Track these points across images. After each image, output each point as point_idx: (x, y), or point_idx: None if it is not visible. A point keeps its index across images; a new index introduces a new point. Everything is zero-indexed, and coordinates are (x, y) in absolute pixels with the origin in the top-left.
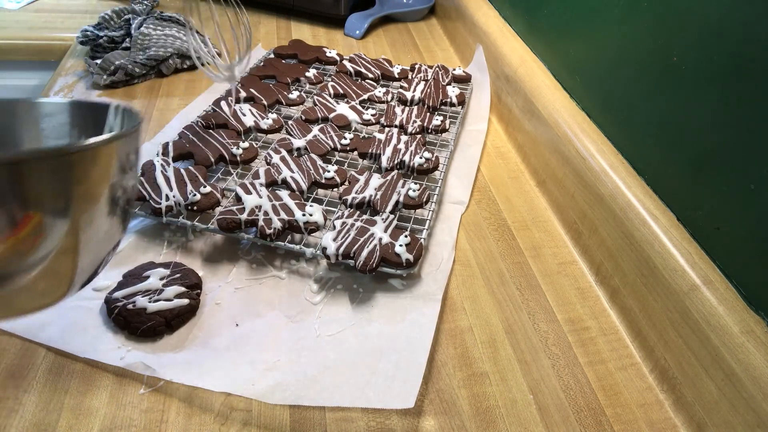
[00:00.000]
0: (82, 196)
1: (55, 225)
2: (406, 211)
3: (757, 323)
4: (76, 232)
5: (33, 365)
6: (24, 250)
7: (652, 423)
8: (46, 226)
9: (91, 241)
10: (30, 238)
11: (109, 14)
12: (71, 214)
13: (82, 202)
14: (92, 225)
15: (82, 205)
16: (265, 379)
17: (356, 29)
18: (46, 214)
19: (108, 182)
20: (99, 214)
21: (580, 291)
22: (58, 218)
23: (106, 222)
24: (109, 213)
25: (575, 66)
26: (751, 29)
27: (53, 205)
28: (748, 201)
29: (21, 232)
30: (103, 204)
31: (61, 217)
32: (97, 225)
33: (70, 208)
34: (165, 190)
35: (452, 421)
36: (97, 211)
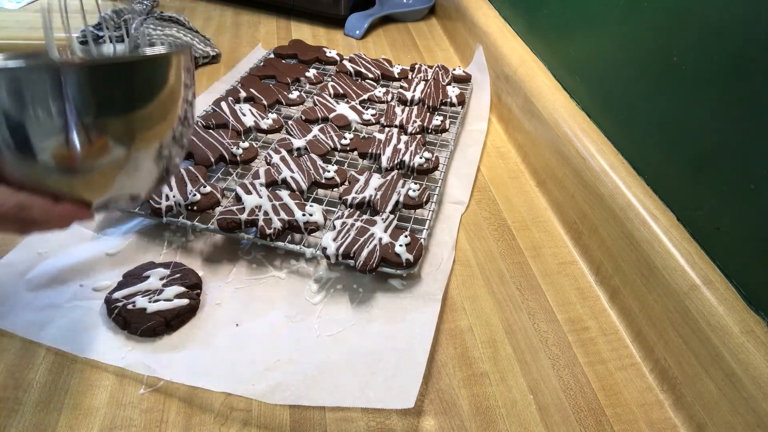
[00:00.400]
0: (145, 129)
1: (117, 148)
2: (406, 211)
3: (757, 323)
4: (128, 158)
5: (33, 365)
6: (93, 156)
7: (652, 423)
8: (111, 147)
9: (131, 172)
10: (95, 154)
11: (109, 14)
12: (132, 145)
13: (142, 137)
14: (138, 161)
15: (142, 140)
16: (265, 379)
17: (356, 29)
18: (112, 139)
19: (169, 120)
20: (149, 155)
21: (580, 291)
22: (121, 145)
23: (148, 166)
24: (155, 159)
25: (575, 66)
26: (751, 29)
27: (120, 134)
28: (748, 201)
29: (94, 147)
30: (155, 148)
31: (123, 144)
32: (142, 162)
33: (133, 141)
34: (165, 190)
35: (452, 421)
36: (149, 152)
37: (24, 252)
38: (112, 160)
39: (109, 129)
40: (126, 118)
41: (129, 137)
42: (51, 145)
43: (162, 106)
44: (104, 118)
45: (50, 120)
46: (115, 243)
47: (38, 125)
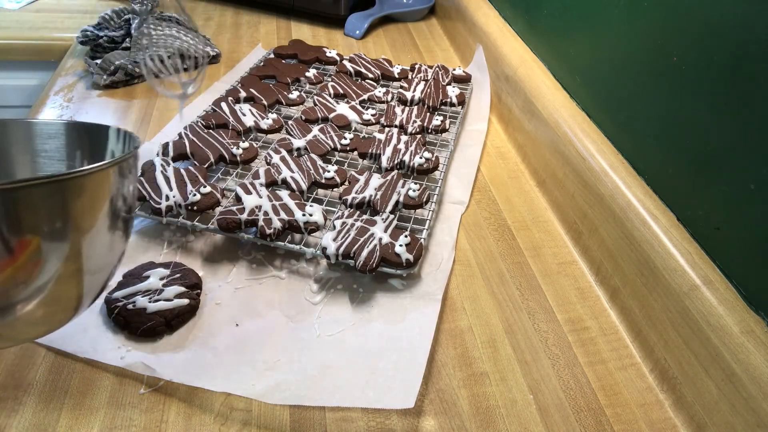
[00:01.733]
0: (81, 217)
1: (54, 249)
2: (406, 211)
3: (757, 323)
4: (78, 254)
5: (33, 365)
6: (23, 278)
7: (652, 423)
8: (45, 252)
9: (95, 259)
10: (29, 266)
11: (109, 14)
12: (70, 237)
13: (81, 223)
14: (94, 244)
15: (81, 226)
16: (265, 379)
17: (356, 29)
18: (44, 240)
19: (107, 201)
20: (100, 232)
21: (580, 291)
22: (57, 242)
23: (108, 237)
24: (110, 227)
25: (575, 66)
26: (751, 29)
27: (50, 230)
28: (748, 201)
29: (18, 260)
30: (103, 221)
31: (59, 240)
32: (100, 242)
33: (69, 231)
34: (165, 190)
35: (452, 421)
36: (98, 229)
37: None
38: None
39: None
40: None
41: (64, 239)
42: None
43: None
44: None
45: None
46: None
47: None
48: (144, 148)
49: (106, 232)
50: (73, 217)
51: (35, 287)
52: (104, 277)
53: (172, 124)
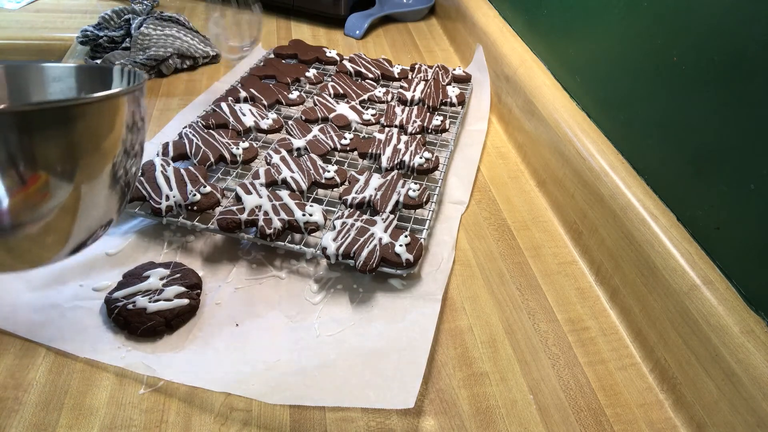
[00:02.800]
0: (88, 157)
1: (60, 186)
2: (406, 211)
3: (757, 323)
4: (78, 195)
5: (33, 365)
6: (32, 203)
7: (652, 423)
8: (52, 186)
9: (89, 208)
10: (38, 194)
11: (109, 14)
12: (75, 178)
13: (86, 165)
14: (92, 191)
15: (86, 169)
16: (265, 379)
17: (356, 29)
18: (53, 175)
19: (113, 144)
20: (100, 183)
21: (580, 291)
22: (64, 180)
23: (105, 193)
24: (109, 185)
25: (575, 66)
26: (751, 29)
27: (60, 167)
28: (748, 201)
29: (30, 188)
30: (105, 173)
31: (66, 179)
32: (97, 192)
33: (75, 172)
34: (165, 190)
35: (452, 421)
36: (99, 179)
37: None
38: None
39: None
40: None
41: (71, 174)
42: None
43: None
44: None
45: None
46: (115, 243)
47: None
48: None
49: (107, 183)
50: (83, 145)
51: (34, 215)
52: (96, 223)
53: (172, 124)
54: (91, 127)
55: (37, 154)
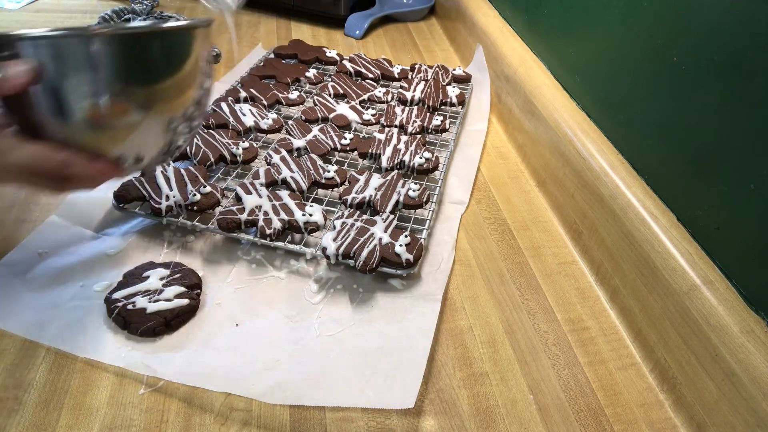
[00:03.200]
0: (164, 94)
1: (136, 112)
2: (406, 211)
3: (757, 323)
4: (140, 123)
5: (33, 365)
6: (114, 118)
7: (652, 423)
8: (131, 110)
9: (140, 136)
10: (118, 114)
11: (109, 14)
12: (150, 111)
13: (161, 102)
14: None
15: (159, 107)
16: (265, 379)
17: (356, 29)
18: (132, 105)
19: (198, 57)
20: (157, 124)
21: (580, 291)
22: (140, 111)
23: (154, 134)
24: (163, 130)
25: (575, 66)
26: (751, 29)
27: (139, 99)
28: (748, 201)
29: (114, 110)
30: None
31: (142, 110)
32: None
33: (152, 106)
34: (165, 190)
35: (452, 421)
36: (159, 121)
37: (24, 252)
38: (129, 123)
39: (131, 96)
40: (148, 86)
41: (148, 104)
42: (83, 108)
43: (181, 79)
44: (128, 86)
45: (83, 85)
46: (115, 243)
47: (73, 90)
48: None
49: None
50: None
51: (115, 124)
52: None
53: None
54: (179, 47)
55: (130, 83)
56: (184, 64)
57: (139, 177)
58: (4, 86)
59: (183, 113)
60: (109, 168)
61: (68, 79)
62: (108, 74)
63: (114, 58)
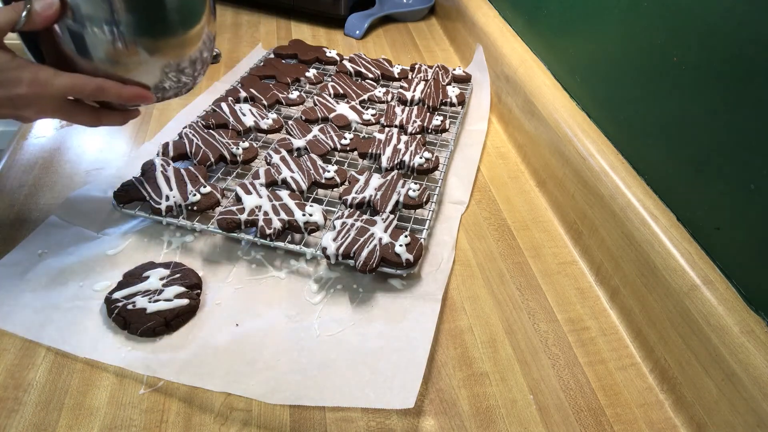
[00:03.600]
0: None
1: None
2: (406, 211)
3: (757, 323)
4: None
5: (33, 365)
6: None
7: (652, 423)
8: (142, 52)
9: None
10: (131, 54)
11: None
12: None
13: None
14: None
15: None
16: (265, 379)
17: (356, 29)
18: (143, 50)
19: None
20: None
21: (580, 291)
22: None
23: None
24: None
25: (575, 66)
26: (751, 29)
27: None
28: (748, 201)
29: (127, 50)
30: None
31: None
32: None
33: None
34: (165, 190)
35: (452, 421)
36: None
37: (24, 252)
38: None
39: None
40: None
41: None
42: (109, 48)
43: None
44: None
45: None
46: (115, 243)
47: (98, 23)
48: (144, 148)
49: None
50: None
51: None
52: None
53: (172, 124)
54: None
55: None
56: (196, 18)
57: (138, 177)
58: (36, 19)
59: (202, 43)
60: (140, 92)
61: (93, 12)
62: (124, 20)
63: (131, 7)
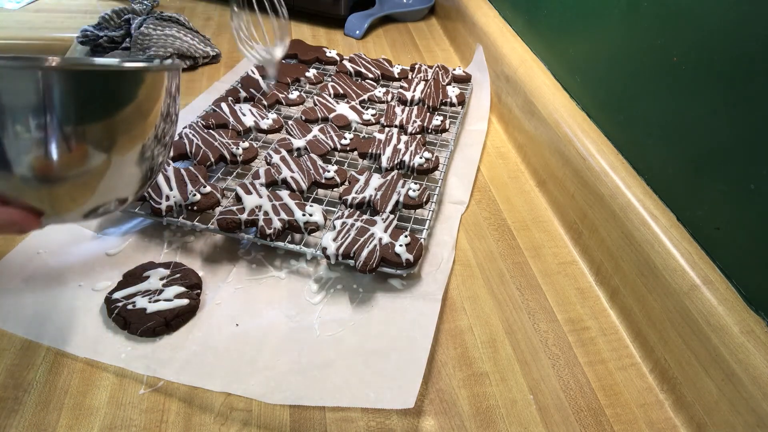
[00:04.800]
0: (125, 133)
1: (97, 155)
2: (406, 211)
3: (757, 323)
4: (109, 165)
5: (33, 365)
6: (72, 164)
7: (652, 423)
8: (90, 154)
9: (114, 178)
10: (78, 159)
11: (109, 14)
12: (111, 150)
13: (122, 141)
14: (120, 166)
15: (121, 145)
16: (265, 378)
17: (356, 29)
18: (93, 146)
19: (149, 124)
20: (129, 159)
21: (580, 291)
22: (100, 151)
23: (131, 170)
24: (137, 162)
25: (575, 66)
26: (751, 29)
27: (101, 139)
28: (748, 201)
29: (73, 154)
30: (136, 151)
31: (102, 151)
32: (124, 167)
33: (113, 147)
34: (165, 190)
35: (452, 421)
36: (130, 155)
37: (24, 252)
38: (93, 168)
39: (88, 136)
40: (106, 125)
41: (108, 144)
42: (30, 155)
43: (139, 118)
44: (84, 125)
45: (28, 126)
46: (115, 243)
47: (15, 133)
48: None
49: (135, 160)
50: (123, 119)
51: (75, 172)
52: (113, 195)
53: None
54: (138, 96)
55: (86, 121)
56: (142, 103)
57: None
58: None
59: (153, 137)
60: (26, 218)
61: (5, 118)
62: (58, 115)
63: (63, 96)
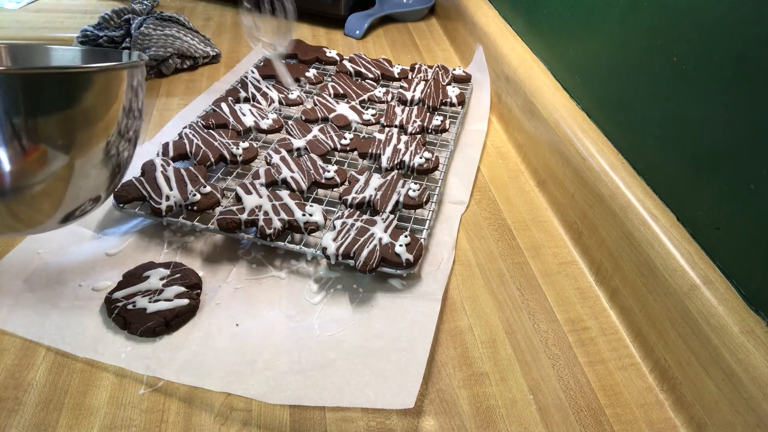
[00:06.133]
0: (84, 131)
1: (56, 157)
2: (406, 211)
3: (757, 323)
4: (72, 167)
5: (33, 365)
6: (31, 171)
7: (652, 423)
8: (50, 156)
9: (80, 180)
10: (36, 163)
11: (109, 14)
12: (71, 151)
13: (82, 139)
14: (84, 165)
15: (81, 143)
16: (266, 379)
17: (356, 29)
18: (51, 147)
19: (109, 121)
20: (92, 159)
21: (580, 291)
22: (60, 152)
23: (96, 169)
24: (101, 162)
25: (575, 66)
26: (751, 29)
27: (58, 139)
28: (748, 201)
29: (30, 158)
30: (99, 150)
31: (62, 151)
32: (89, 167)
33: (72, 145)
34: (165, 190)
35: (452, 421)
36: (92, 154)
37: (24, 252)
38: (56, 172)
39: (43, 141)
40: (63, 129)
41: (68, 147)
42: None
43: (98, 119)
44: (38, 131)
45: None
46: (115, 243)
47: None
48: (144, 148)
49: (100, 158)
50: (81, 117)
51: (31, 181)
52: (85, 195)
53: (172, 124)
54: (91, 98)
55: (38, 124)
56: (102, 112)
57: (138, 177)
58: None
59: (116, 135)
60: None
61: None
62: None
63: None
